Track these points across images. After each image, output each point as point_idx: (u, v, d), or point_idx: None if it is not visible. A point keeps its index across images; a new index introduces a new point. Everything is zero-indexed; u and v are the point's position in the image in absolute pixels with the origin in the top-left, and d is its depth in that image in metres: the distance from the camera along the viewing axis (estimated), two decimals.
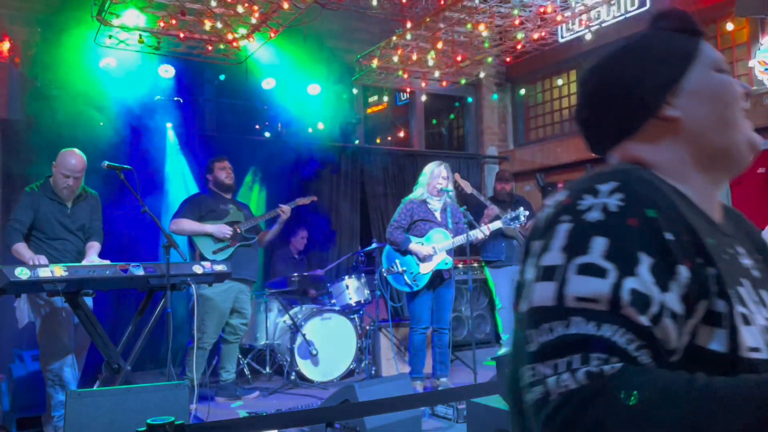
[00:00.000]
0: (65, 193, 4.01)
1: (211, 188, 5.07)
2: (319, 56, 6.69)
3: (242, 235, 4.96)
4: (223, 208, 4.97)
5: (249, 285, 5.05)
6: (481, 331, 7.05)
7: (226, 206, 5.00)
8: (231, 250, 4.87)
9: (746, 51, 5.86)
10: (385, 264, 4.93)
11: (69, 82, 5.35)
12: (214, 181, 5.05)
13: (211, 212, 4.90)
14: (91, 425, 2.56)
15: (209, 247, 4.80)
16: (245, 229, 4.99)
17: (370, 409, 2.25)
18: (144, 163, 5.81)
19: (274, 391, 5.10)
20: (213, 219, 4.89)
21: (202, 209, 4.89)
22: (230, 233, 4.86)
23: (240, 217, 5.03)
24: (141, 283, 3.67)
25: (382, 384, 3.78)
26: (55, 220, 3.99)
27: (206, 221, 4.86)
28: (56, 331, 3.86)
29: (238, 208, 5.08)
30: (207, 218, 4.88)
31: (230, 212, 4.99)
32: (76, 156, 4.00)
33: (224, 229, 4.85)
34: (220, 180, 5.02)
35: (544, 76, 8.01)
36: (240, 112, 6.81)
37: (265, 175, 6.57)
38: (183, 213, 4.82)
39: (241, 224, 4.99)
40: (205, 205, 4.92)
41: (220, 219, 4.92)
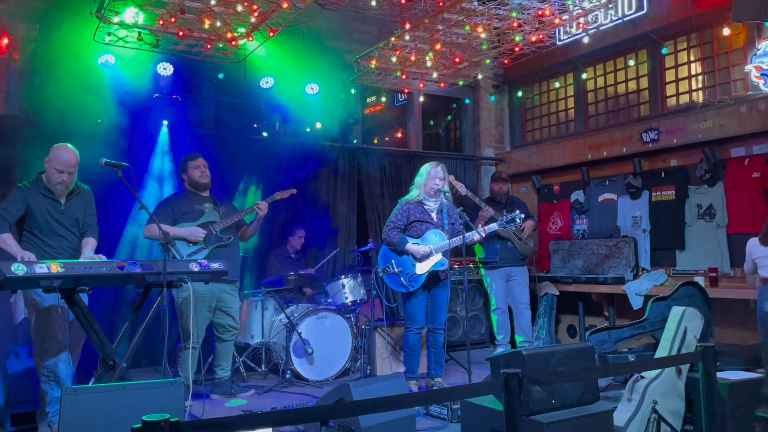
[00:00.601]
0: (59, 189, 3.99)
1: (187, 187, 5.00)
2: (317, 56, 6.71)
3: (217, 235, 4.87)
4: (198, 209, 4.90)
5: (231, 284, 4.98)
6: (476, 332, 7.08)
7: (201, 206, 4.92)
8: (206, 252, 4.79)
9: (742, 56, 5.89)
10: (381, 264, 4.94)
11: (67, 79, 5.35)
12: (189, 180, 4.98)
13: (185, 214, 4.83)
14: (86, 422, 2.57)
15: (183, 251, 4.68)
16: (221, 229, 4.89)
17: (364, 408, 2.27)
18: (141, 161, 5.83)
19: (269, 390, 5.11)
20: (188, 221, 4.82)
21: (176, 212, 4.82)
22: (203, 236, 4.79)
23: (216, 216, 4.94)
24: (137, 281, 3.68)
25: (377, 383, 3.80)
26: (49, 217, 3.97)
27: (181, 223, 4.78)
28: (51, 327, 3.86)
29: (214, 207, 4.99)
30: (182, 220, 4.80)
31: (205, 212, 4.91)
32: (69, 151, 3.98)
33: (197, 233, 4.77)
34: (194, 179, 4.96)
35: (541, 78, 8.04)
36: (238, 111, 6.82)
37: (262, 174, 6.58)
38: (157, 217, 4.60)
39: (217, 224, 4.89)
40: (179, 208, 4.84)
41: (194, 220, 4.84)
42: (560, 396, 3.26)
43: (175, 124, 6.08)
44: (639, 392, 3.63)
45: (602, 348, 4.76)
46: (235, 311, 5.03)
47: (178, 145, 5.95)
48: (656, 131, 6.40)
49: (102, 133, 5.39)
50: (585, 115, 7.50)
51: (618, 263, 6.65)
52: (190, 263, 3.84)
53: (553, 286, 6.93)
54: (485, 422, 3.37)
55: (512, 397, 2.17)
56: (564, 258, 7.24)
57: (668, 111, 6.54)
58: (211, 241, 4.85)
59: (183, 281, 3.78)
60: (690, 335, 3.87)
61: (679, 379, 3.70)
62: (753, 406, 3.57)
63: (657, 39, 6.45)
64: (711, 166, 6.01)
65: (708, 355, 2.80)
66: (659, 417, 3.55)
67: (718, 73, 6.16)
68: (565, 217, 7.56)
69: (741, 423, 3.51)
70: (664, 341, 3.93)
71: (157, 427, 1.70)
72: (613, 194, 7.00)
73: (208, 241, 4.83)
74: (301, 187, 6.69)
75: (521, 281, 6.35)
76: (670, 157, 6.47)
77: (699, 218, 6.15)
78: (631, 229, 6.75)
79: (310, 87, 6.78)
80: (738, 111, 5.74)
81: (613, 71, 7.19)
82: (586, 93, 7.48)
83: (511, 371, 2.17)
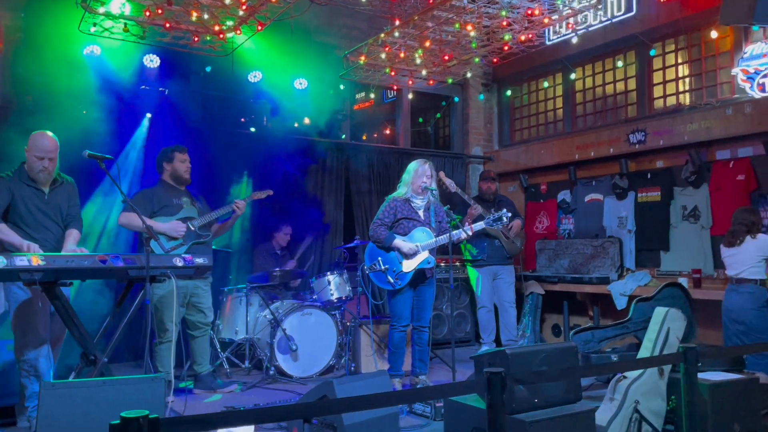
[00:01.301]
0: (41, 177, 3.93)
1: (165, 179, 4.87)
2: (306, 51, 6.67)
3: (196, 232, 4.79)
4: (176, 203, 4.80)
5: (204, 280, 4.90)
6: (461, 330, 7.09)
7: (179, 200, 4.83)
8: (184, 248, 4.69)
9: (729, 59, 5.93)
10: (367, 261, 4.93)
11: (52, 69, 5.28)
12: (172, 172, 4.84)
13: (164, 207, 4.72)
14: (65, 417, 2.53)
15: (162, 245, 4.61)
16: (199, 226, 4.81)
17: (347, 405, 2.25)
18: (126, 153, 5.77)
19: (252, 386, 5.08)
20: (166, 215, 4.71)
21: (154, 204, 4.70)
22: (184, 231, 4.70)
23: (194, 212, 4.86)
24: (120, 275, 3.64)
25: (361, 381, 3.78)
26: (33, 207, 3.92)
27: (158, 217, 4.67)
28: (31, 320, 3.81)
29: (191, 202, 4.91)
30: (160, 213, 4.69)
31: (184, 207, 4.83)
32: (47, 137, 3.93)
33: (179, 228, 4.67)
34: (178, 173, 4.83)
35: (530, 78, 8.06)
36: (226, 105, 6.76)
37: (248, 169, 6.54)
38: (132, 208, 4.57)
39: (195, 221, 4.80)
40: (158, 200, 4.72)
41: (173, 215, 4.74)
42: (543, 395, 3.27)
43: (162, 117, 6.02)
44: (621, 392, 3.65)
45: (586, 348, 4.78)
46: (207, 307, 4.97)
47: (164, 138, 5.88)
48: (643, 132, 6.43)
49: (86, 125, 5.32)
50: (573, 115, 7.53)
51: (603, 263, 6.69)
52: (174, 258, 3.80)
53: (538, 285, 6.96)
54: (468, 420, 3.37)
55: (495, 395, 2.16)
56: (550, 257, 7.27)
57: (655, 112, 6.58)
58: (190, 237, 4.76)
59: (167, 276, 3.74)
60: (672, 336, 3.89)
61: (661, 380, 3.72)
62: (734, 406, 3.60)
63: (645, 41, 6.48)
64: (696, 168, 6.06)
65: (690, 355, 2.81)
66: (641, 417, 3.57)
67: (705, 76, 6.21)
68: (552, 217, 7.59)
69: (721, 423, 3.53)
70: (646, 342, 3.95)
71: (136, 423, 1.67)
72: (600, 194, 7.03)
73: (188, 237, 4.75)
74: (288, 182, 6.66)
75: (507, 280, 6.36)
76: (657, 159, 6.51)
77: (684, 220, 6.20)
78: (616, 229, 6.79)
79: (298, 82, 6.74)
80: (724, 114, 5.78)
81: (601, 72, 7.22)
82: (575, 93, 7.51)
83: (495, 370, 2.17)
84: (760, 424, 3.75)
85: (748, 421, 3.64)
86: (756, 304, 4.71)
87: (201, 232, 4.83)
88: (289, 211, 6.68)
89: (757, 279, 4.73)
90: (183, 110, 6.33)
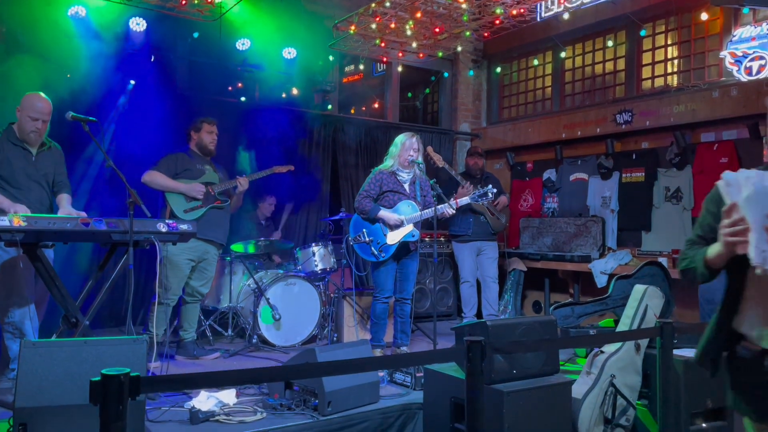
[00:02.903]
0: (32, 138, 3.93)
1: (192, 148, 5.00)
2: (296, 19, 6.57)
3: (215, 196, 4.92)
4: (199, 168, 4.93)
5: (216, 247, 5.01)
6: (443, 304, 7.15)
7: (202, 167, 4.96)
8: (203, 210, 4.84)
9: (718, 41, 5.95)
10: (352, 233, 4.94)
11: (35, 29, 5.16)
12: (198, 141, 4.98)
13: (186, 171, 4.85)
14: (45, 375, 2.54)
15: (181, 206, 4.76)
16: (219, 191, 4.95)
17: (327, 369, 2.28)
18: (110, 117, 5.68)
19: (234, 353, 5.11)
20: (188, 178, 4.85)
21: (178, 167, 4.83)
22: (203, 192, 4.83)
23: (215, 178, 5.00)
24: (103, 238, 3.62)
25: (342, 348, 3.83)
26: (19, 167, 3.90)
27: (180, 179, 4.81)
28: (16, 281, 3.79)
29: (214, 170, 5.04)
30: (182, 176, 4.83)
31: (206, 173, 4.95)
32: (42, 99, 3.94)
33: (197, 188, 4.81)
34: (204, 143, 4.97)
35: (520, 55, 8.03)
36: (213, 72, 6.66)
37: (236, 138, 6.48)
38: (159, 167, 4.77)
39: (215, 186, 4.95)
40: (181, 164, 4.86)
41: (194, 178, 4.87)
42: (521, 366, 3.33)
43: (148, 82, 5.93)
44: (598, 366, 3.72)
45: (565, 323, 4.85)
46: (211, 275, 5.07)
47: (150, 104, 5.81)
48: (630, 113, 6.46)
49: (70, 87, 5.23)
50: (561, 94, 7.53)
51: (585, 242, 6.76)
52: (158, 223, 3.78)
53: (521, 262, 7.02)
54: (447, 390, 3.43)
55: (474, 364, 2.19)
56: (533, 235, 7.33)
57: (643, 93, 6.60)
58: (209, 200, 4.88)
59: (150, 241, 3.73)
60: (650, 313, 3.96)
61: (637, 355, 3.80)
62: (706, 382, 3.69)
63: (636, 20, 6.48)
64: (681, 150, 6.11)
65: (666, 330, 2.87)
66: (616, 390, 3.65)
67: (693, 58, 6.23)
68: (537, 195, 7.63)
69: (694, 398, 3.62)
70: (624, 318, 4.02)
71: (117, 380, 1.67)
72: (585, 174, 7.08)
73: (207, 200, 4.86)
74: (275, 153, 6.61)
75: (491, 256, 6.41)
76: (642, 140, 6.55)
77: (666, 201, 6.27)
78: (600, 208, 6.85)
79: (287, 51, 6.65)
80: (710, 96, 5.82)
81: (591, 51, 7.21)
82: (564, 72, 7.50)
83: (475, 338, 2.20)
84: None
85: (720, 398, 3.73)
86: None
87: (220, 197, 4.95)
88: (275, 182, 6.65)
89: None
90: (170, 76, 6.24)
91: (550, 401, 3.31)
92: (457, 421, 3.35)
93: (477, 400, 2.18)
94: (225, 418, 3.35)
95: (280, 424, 3.31)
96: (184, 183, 4.80)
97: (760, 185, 1.72)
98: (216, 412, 3.39)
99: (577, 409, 3.55)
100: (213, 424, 3.31)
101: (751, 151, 5.67)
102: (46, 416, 2.52)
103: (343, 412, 3.49)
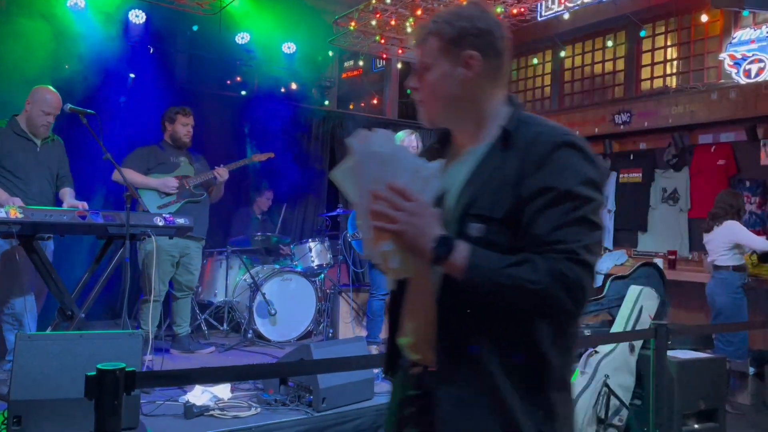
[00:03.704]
0: (42, 131, 3.96)
1: (166, 140, 4.82)
2: (296, 14, 6.56)
3: (190, 190, 4.73)
4: (173, 161, 4.75)
5: (197, 240, 4.87)
6: None
7: (177, 159, 4.77)
8: (177, 205, 4.64)
9: (718, 43, 5.96)
10: (350, 230, 4.94)
11: (35, 20, 5.14)
12: (172, 134, 4.79)
13: (160, 164, 4.68)
14: (40, 369, 2.54)
15: (154, 202, 4.57)
16: (194, 185, 4.76)
17: (323, 366, 2.29)
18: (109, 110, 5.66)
19: (229, 348, 5.11)
20: (162, 172, 4.67)
21: (150, 161, 4.65)
22: (175, 187, 4.65)
23: (190, 171, 4.80)
24: (99, 231, 3.61)
25: (338, 345, 3.83)
26: (22, 157, 3.91)
27: (154, 174, 4.63)
28: (15, 273, 3.79)
29: (190, 161, 4.84)
30: (155, 170, 4.64)
31: (180, 165, 4.76)
32: (52, 92, 3.96)
33: (170, 183, 4.62)
34: (178, 135, 4.77)
35: (520, 54, 8.02)
36: (212, 66, 6.65)
37: (235, 132, 6.47)
38: (129, 163, 4.55)
39: (191, 179, 4.75)
40: (154, 157, 4.68)
41: (169, 172, 4.69)
42: None
43: (147, 75, 5.91)
44: (592, 366, 3.73)
45: None
46: (196, 269, 4.95)
47: (149, 97, 5.79)
48: (628, 113, 6.46)
49: (69, 80, 5.21)
50: (561, 93, 7.53)
51: None
52: (155, 217, 3.77)
53: None
54: None
55: None
56: None
57: (642, 94, 6.61)
58: (184, 195, 4.72)
59: (147, 235, 3.73)
60: (645, 314, 3.97)
61: (631, 356, 3.81)
62: (699, 384, 3.70)
63: (636, 21, 6.48)
64: (678, 151, 6.12)
65: (660, 332, 2.88)
66: (609, 391, 3.66)
67: (693, 60, 6.23)
68: None
69: (687, 399, 3.64)
70: (619, 318, 4.03)
71: (112, 375, 1.67)
72: None
73: (181, 194, 4.70)
74: (273, 147, 6.60)
75: None
76: (640, 140, 6.56)
77: (663, 202, 6.28)
78: None
79: (287, 46, 6.64)
80: (709, 98, 5.82)
81: (591, 51, 7.21)
82: (563, 71, 7.50)
83: None
84: (723, 403, 3.86)
85: (713, 399, 3.75)
86: (727, 289, 4.81)
87: (196, 191, 4.78)
88: (273, 176, 6.64)
89: (730, 265, 4.81)
90: (169, 69, 6.23)
91: None
92: None
93: None
94: (219, 413, 3.35)
95: (275, 419, 3.31)
96: (157, 178, 4.61)
97: (365, 151, 1.28)
98: (210, 406, 3.40)
99: None
100: (207, 418, 3.31)
101: (749, 153, 5.69)
102: (40, 409, 2.52)
103: (337, 408, 3.50)
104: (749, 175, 5.69)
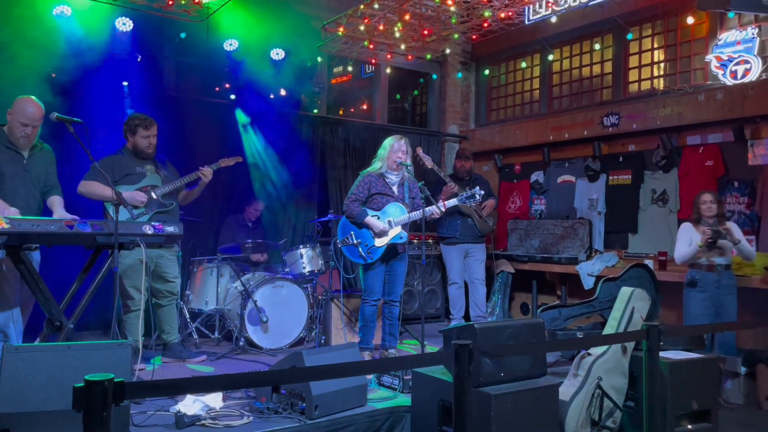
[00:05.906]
0: (22, 142, 3.89)
1: (128, 148, 4.70)
2: (284, 20, 6.54)
3: (158, 200, 4.64)
4: (139, 171, 4.65)
5: (169, 249, 4.75)
6: (431, 306, 7.15)
7: (142, 168, 4.67)
8: (146, 217, 4.55)
9: (704, 45, 6.00)
10: (340, 235, 4.93)
11: (20, 28, 5.10)
12: (134, 145, 4.67)
13: (126, 176, 4.57)
14: (28, 381, 2.50)
15: (123, 215, 4.32)
16: (162, 194, 4.67)
17: (316, 374, 2.27)
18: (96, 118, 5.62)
19: (221, 356, 5.08)
20: (128, 183, 4.56)
21: (116, 173, 4.51)
22: (144, 201, 4.55)
23: (157, 180, 4.70)
24: (87, 241, 3.57)
25: (330, 352, 3.81)
26: (10, 170, 3.86)
27: (120, 186, 4.46)
28: (1, 285, 3.74)
29: (155, 170, 4.74)
30: (121, 182, 4.51)
31: (147, 174, 4.67)
32: (34, 104, 3.88)
33: (137, 197, 4.52)
34: (139, 147, 4.65)
35: (509, 57, 8.05)
36: (200, 73, 6.63)
37: (223, 139, 6.45)
38: (95, 175, 4.38)
39: (158, 189, 4.66)
40: (119, 169, 4.56)
41: (135, 183, 4.60)
42: (509, 369, 3.33)
43: (135, 83, 5.88)
44: (585, 368, 3.73)
45: (552, 325, 4.87)
46: (173, 276, 4.85)
47: (137, 105, 5.76)
48: (617, 116, 6.50)
49: (55, 88, 5.18)
50: (549, 96, 7.56)
51: (573, 244, 6.79)
52: (144, 225, 3.74)
53: (508, 264, 7.04)
54: (435, 393, 3.42)
55: (462, 367, 2.19)
56: (521, 237, 7.35)
57: (630, 96, 6.64)
58: (152, 206, 4.62)
59: (135, 244, 3.69)
60: (637, 315, 3.98)
61: (624, 357, 3.81)
62: (692, 384, 3.71)
63: (623, 24, 6.52)
64: (667, 153, 6.15)
65: (652, 333, 2.89)
66: (603, 393, 3.66)
67: (679, 61, 6.28)
68: (524, 197, 7.66)
69: (680, 400, 3.64)
70: (611, 320, 4.04)
71: (101, 387, 1.65)
72: (572, 176, 7.11)
73: (149, 206, 4.61)
74: (263, 154, 6.59)
75: (478, 258, 6.42)
76: (629, 142, 6.59)
77: (653, 203, 6.31)
78: (587, 211, 6.88)
79: (275, 52, 6.62)
80: (696, 100, 5.86)
81: (578, 54, 7.25)
82: (552, 74, 7.54)
83: (462, 342, 2.19)
84: (716, 402, 3.87)
85: (705, 399, 3.76)
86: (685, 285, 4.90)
87: (164, 200, 4.69)
88: (261, 184, 6.62)
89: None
90: (156, 76, 6.19)
91: (537, 404, 3.31)
92: (444, 424, 3.35)
93: (465, 402, 2.18)
94: (211, 422, 3.32)
95: (267, 428, 3.28)
96: (124, 191, 4.43)
97: None
98: (202, 416, 3.37)
99: (564, 411, 3.56)
100: (199, 428, 3.28)
101: (736, 154, 5.72)
102: (28, 422, 2.48)
103: (330, 415, 3.48)
104: (737, 175, 5.73)
